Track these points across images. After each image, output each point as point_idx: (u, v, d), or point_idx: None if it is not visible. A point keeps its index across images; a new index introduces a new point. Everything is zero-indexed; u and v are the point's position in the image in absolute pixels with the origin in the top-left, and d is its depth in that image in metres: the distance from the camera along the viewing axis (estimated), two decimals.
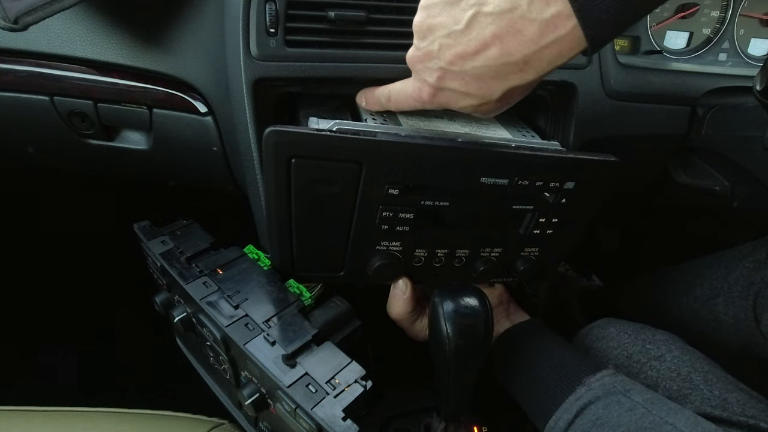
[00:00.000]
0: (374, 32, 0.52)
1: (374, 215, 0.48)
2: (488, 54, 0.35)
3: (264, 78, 0.49)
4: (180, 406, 0.56)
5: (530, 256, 0.57)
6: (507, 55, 0.34)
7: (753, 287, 0.65)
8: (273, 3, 0.48)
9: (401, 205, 0.48)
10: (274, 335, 0.46)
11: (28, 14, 0.44)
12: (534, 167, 0.48)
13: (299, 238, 0.50)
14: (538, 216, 0.53)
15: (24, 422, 0.51)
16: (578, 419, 0.45)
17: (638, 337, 0.59)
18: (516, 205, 0.52)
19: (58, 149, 0.65)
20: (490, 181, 0.48)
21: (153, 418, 0.53)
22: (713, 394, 0.50)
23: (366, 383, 0.44)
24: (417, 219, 0.50)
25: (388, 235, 0.51)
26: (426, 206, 0.49)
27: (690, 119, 0.68)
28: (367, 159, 0.44)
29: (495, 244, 0.55)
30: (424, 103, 0.42)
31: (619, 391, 0.45)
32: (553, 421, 0.47)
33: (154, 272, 0.58)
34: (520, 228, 0.55)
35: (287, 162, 0.43)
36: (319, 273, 0.54)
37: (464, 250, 0.55)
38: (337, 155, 0.43)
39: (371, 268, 0.53)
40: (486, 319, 0.48)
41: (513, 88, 0.37)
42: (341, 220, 0.49)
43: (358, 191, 0.46)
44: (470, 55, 0.35)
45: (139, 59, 0.54)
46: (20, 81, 0.56)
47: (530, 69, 0.35)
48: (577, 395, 0.46)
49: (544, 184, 0.50)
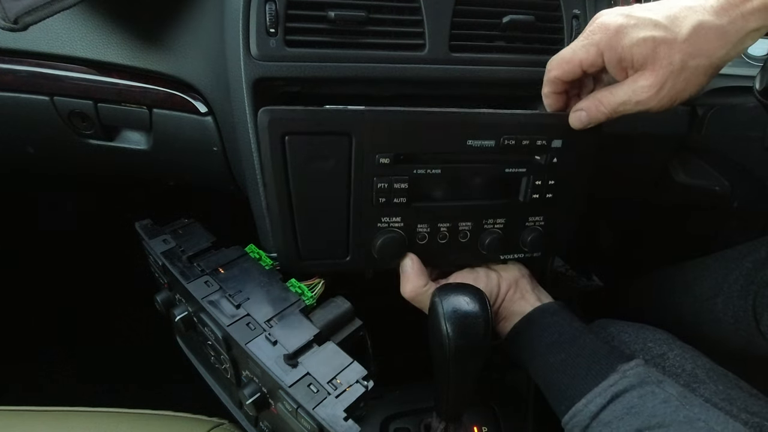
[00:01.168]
0: (374, 32, 0.52)
1: (370, 188, 0.50)
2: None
3: (264, 78, 0.49)
4: (180, 406, 0.56)
5: (536, 226, 0.57)
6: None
7: (752, 287, 0.65)
8: (273, 3, 0.48)
9: (394, 174, 0.50)
10: (275, 335, 0.46)
11: (28, 14, 0.44)
12: (518, 127, 0.50)
13: (301, 221, 0.50)
14: (533, 179, 0.54)
15: (24, 422, 0.51)
16: (612, 405, 0.44)
17: (639, 336, 0.59)
18: (509, 168, 0.53)
19: (58, 149, 0.65)
20: (476, 143, 0.50)
21: (153, 418, 0.53)
22: (718, 388, 0.51)
23: (367, 383, 0.44)
24: (412, 189, 0.51)
25: (387, 210, 0.51)
26: (419, 175, 0.50)
27: (690, 119, 0.68)
28: (354, 129, 0.47)
29: (497, 214, 0.55)
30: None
31: (653, 382, 0.45)
32: (582, 404, 0.46)
33: (155, 271, 0.58)
34: (519, 195, 0.55)
35: (281, 140, 0.46)
36: (325, 260, 0.54)
37: (467, 223, 0.55)
38: (327, 128, 0.46)
39: (375, 248, 0.53)
40: (486, 319, 0.48)
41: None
42: (339, 196, 0.50)
43: (351, 163, 0.48)
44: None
45: (139, 59, 0.54)
46: (20, 81, 0.56)
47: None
48: (611, 381, 0.45)
49: (531, 143, 0.51)
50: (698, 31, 0.40)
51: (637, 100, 0.44)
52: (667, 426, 0.41)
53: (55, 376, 1.03)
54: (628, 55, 0.43)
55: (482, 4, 0.54)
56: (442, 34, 0.53)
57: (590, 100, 0.48)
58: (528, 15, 0.55)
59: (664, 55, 0.41)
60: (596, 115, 0.48)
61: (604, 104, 0.47)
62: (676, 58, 0.41)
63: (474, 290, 0.50)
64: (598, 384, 0.46)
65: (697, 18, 0.40)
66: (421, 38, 0.53)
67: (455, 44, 0.54)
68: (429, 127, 0.48)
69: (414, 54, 0.53)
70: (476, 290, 0.50)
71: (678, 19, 0.41)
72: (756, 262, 0.67)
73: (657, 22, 0.41)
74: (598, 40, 0.44)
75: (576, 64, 0.46)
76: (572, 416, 0.46)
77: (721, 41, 0.40)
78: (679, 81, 0.42)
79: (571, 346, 0.51)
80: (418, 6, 0.52)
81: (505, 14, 0.54)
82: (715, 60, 0.41)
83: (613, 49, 0.43)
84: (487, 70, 0.55)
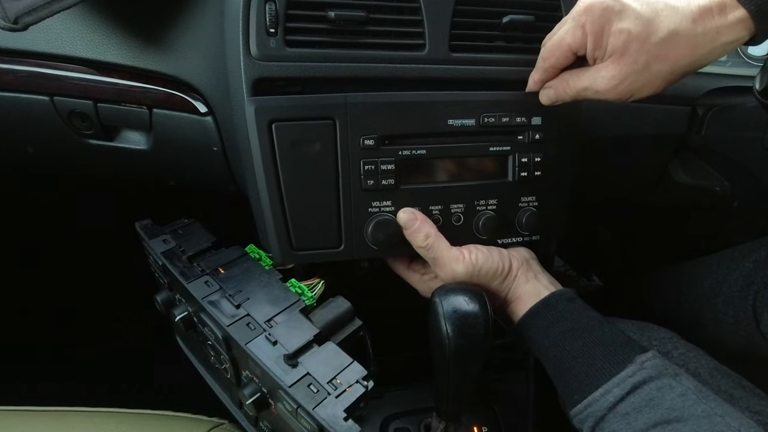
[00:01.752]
0: (374, 32, 0.52)
1: (358, 171, 0.51)
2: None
3: (264, 78, 0.49)
4: (180, 406, 0.56)
5: (530, 207, 0.58)
6: None
7: (753, 287, 0.65)
8: (273, 3, 0.48)
9: (380, 156, 0.51)
10: (275, 335, 0.46)
11: (28, 14, 0.44)
12: (495, 105, 0.53)
13: (292, 209, 0.51)
14: (519, 156, 0.55)
15: (24, 422, 0.51)
16: (631, 396, 0.44)
17: (643, 334, 0.58)
18: (493, 147, 0.55)
19: (58, 149, 0.65)
20: (457, 122, 0.53)
21: (153, 418, 0.53)
22: (721, 388, 0.50)
23: (367, 383, 0.44)
24: (400, 171, 0.52)
25: (376, 195, 0.52)
26: (405, 156, 0.52)
27: (690, 119, 0.68)
28: (337, 113, 0.50)
29: (488, 195, 0.56)
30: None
31: (670, 374, 0.44)
32: (599, 393, 0.45)
33: (155, 271, 0.58)
34: (507, 175, 0.56)
35: (269, 127, 0.48)
36: (318, 250, 0.54)
37: (459, 205, 0.55)
38: (311, 114, 0.49)
39: (368, 234, 0.53)
40: (486, 319, 0.48)
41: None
42: (328, 182, 0.51)
43: (337, 147, 0.50)
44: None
45: (139, 59, 0.54)
46: (20, 81, 0.56)
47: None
48: (629, 372, 0.45)
49: (510, 120, 0.53)
50: (671, 37, 0.40)
51: (596, 89, 0.46)
52: (685, 420, 0.41)
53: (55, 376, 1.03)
54: (605, 42, 0.43)
55: (482, 4, 0.54)
56: (442, 34, 0.53)
57: (559, 80, 0.50)
58: (528, 15, 0.55)
59: (633, 52, 0.42)
60: (562, 95, 0.50)
61: (570, 86, 0.48)
62: (642, 58, 0.42)
63: (474, 290, 0.50)
64: (615, 374, 0.45)
65: (675, 22, 0.41)
66: (421, 38, 0.53)
67: (455, 44, 0.54)
68: (409, 107, 0.51)
69: (414, 54, 0.53)
70: (476, 290, 0.50)
71: (659, 18, 0.41)
72: (756, 262, 0.67)
73: (639, 14, 0.41)
74: (584, 21, 0.44)
75: (566, 49, 0.47)
76: (587, 406, 0.46)
77: (689, 50, 0.40)
78: (639, 80, 0.43)
79: (588, 334, 0.50)
80: (418, 6, 0.52)
81: (505, 14, 0.54)
82: (678, 67, 0.42)
83: (595, 33, 0.44)
84: (487, 70, 0.55)
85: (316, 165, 0.50)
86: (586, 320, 0.51)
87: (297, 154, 0.50)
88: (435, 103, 0.52)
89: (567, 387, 0.49)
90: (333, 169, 0.51)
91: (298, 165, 0.50)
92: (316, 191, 0.51)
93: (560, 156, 0.57)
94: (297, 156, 0.50)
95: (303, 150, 0.50)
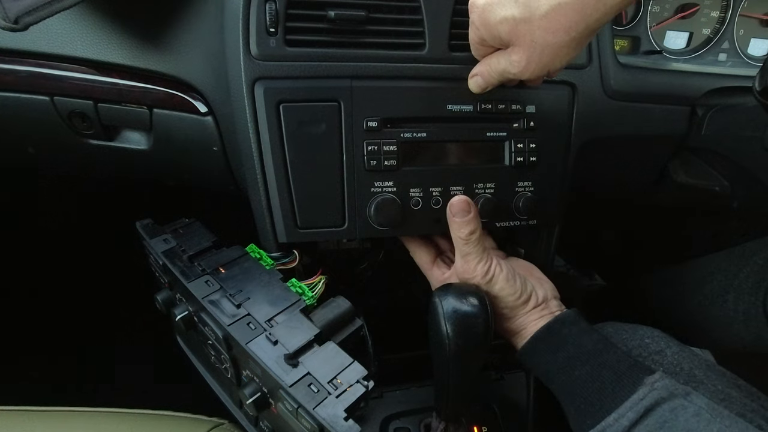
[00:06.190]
0: (374, 32, 0.52)
1: (361, 151, 0.53)
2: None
3: (264, 77, 0.49)
4: (180, 406, 0.56)
5: (526, 192, 0.59)
6: None
7: (764, 283, 0.65)
8: (273, 2, 0.48)
9: (383, 138, 0.53)
10: (276, 334, 0.46)
11: (28, 14, 0.44)
12: (492, 92, 0.54)
13: (297, 188, 0.52)
14: (514, 142, 0.57)
15: (24, 422, 0.51)
16: (645, 419, 0.43)
17: (636, 334, 0.59)
18: (490, 132, 0.57)
19: (58, 149, 0.65)
20: (456, 107, 0.55)
21: (153, 418, 0.53)
22: (717, 388, 0.50)
23: (368, 383, 0.44)
24: (402, 153, 0.54)
25: (378, 175, 0.54)
26: (406, 138, 0.54)
27: (690, 119, 0.68)
28: (342, 96, 0.51)
29: (486, 178, 0.58)
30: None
31: (681, 394, 0.44)
32: (613, 418, 0.45)
33: (155, 270, 0.58)
34: (504, 160, 0.58)
35: (276, 107, 0.50)
36: (323, 229, 0.55)
37: (458, 188, 0.57)
38: (318, 96, 0.51)
39: (371, 212, 0.54)
40: (486, 319, 0.48)
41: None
42: (333, 161, 0.53)
43: (342, 128, 0.52)
44: None
45: (139, 59, 0.54)
46: (20, 81, 0.56)
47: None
48: (641, 395, 0.44)
49: (506, 107, 0.56)
50: (556, 9, 0.40)
51: (512, 72, 0.46)
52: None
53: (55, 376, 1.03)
54: (497, 33, 0.44)
55: None
56: (441, 33, 0.53)
57: (482, 65, 0.50)
58: None
59: (525, 33, 0.42)
60: (488, 78, 0.51)
61: (493, 69, 0.49)
62: (537, 35, 0.42)
63: (474, 290, 0.50)
64: (627, 398, 0.45)
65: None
66: (421, 38, 0.53)
67: (455, 44, 0.54)
68: (411, 93, 0.53)
69: (414, 53, 0.53)
70: (476, 290, 0.50)
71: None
72: (767, 258, 0.67)
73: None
74: (474, 19, 0.46)
75: (477, 45, 0.49)
76: (601, 431, 0.45)
77: (579, 16, 0.40)
78: (544, 56, 0.43)
79: (595, 358, 0.49)
80: (418, 6, 0.52)
81: None
82: (574, 34, 0.41)
83: (484, 27, 0.45)
84: None
85: (322, 145, 0.52)
86: (590, 344, 0.51)
87: (303, 134, 0.51)
88: (435, 89, 0.54)
89: (578, 411, 0.49)
90: (337, 149, 0.52)
91: (303, 145, 0.51)
92: (321, 170, 0.53)
93: (555, 144, 0.60)
94: (303, 136, 0.51)
95: (309, 130, 0.51)
